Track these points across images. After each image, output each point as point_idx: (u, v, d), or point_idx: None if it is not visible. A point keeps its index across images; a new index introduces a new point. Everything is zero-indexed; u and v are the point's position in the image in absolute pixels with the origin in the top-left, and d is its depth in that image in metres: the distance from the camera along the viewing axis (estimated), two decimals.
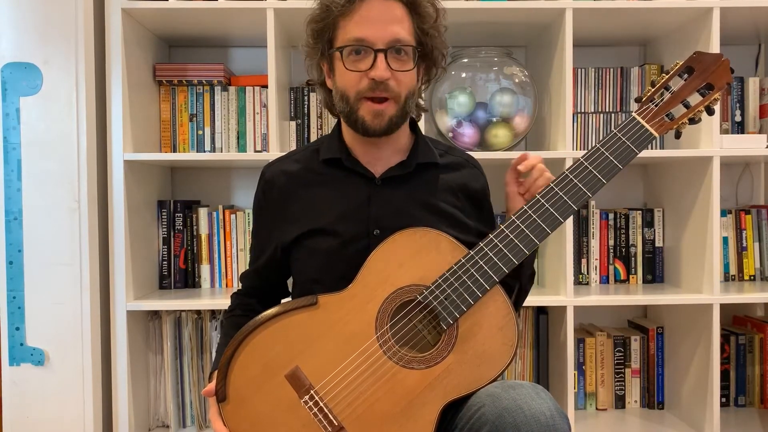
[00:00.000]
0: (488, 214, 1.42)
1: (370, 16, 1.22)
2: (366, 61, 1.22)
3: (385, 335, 1.16)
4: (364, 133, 1.27)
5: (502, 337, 1.15)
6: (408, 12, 1.26)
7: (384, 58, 1.22)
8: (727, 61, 1.20)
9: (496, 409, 1.05)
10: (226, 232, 2.13)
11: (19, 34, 1.78)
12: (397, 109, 1.26)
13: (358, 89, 1.24)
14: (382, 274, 1.18)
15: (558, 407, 1.07)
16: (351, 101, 1.25)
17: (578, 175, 1.18)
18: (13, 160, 1.78)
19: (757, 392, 2.21)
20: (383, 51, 1.22)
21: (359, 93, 1.24)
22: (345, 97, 1.26)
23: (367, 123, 1.25)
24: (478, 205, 1.39)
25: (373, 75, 1.21)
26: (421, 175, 1.34)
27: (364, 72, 1.23)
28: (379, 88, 1.22)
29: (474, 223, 1.36)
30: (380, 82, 1.22)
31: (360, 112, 1.25)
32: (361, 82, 1.23)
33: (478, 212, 1.39)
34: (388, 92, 1.24)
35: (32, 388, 1.81)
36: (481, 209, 1.40)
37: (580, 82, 2.13)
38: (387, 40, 1.22)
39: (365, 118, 1.25)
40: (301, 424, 1.13)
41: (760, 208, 2.22)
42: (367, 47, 1.22)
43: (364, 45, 1.22)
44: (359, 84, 1.24)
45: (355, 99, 1.25)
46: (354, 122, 1.27)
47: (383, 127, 1.26)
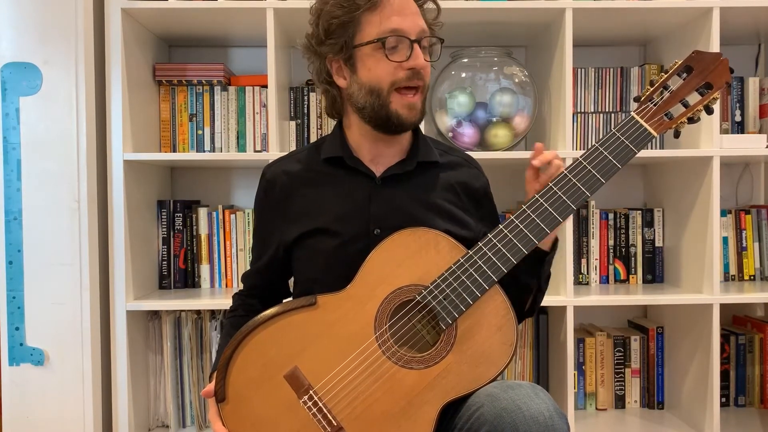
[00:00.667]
0: (489, 212, 1.42)
1: (399, 8, 1.25)
2: (402, 52, 1.24)
3: (384, 335, 1.16)
4: (398, 128, 1.28)
5: (501, 337, 1.15)
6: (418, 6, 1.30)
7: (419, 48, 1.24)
8: (725, 61, 1.20)
9: (495, 409, 1.06)
10: (225, 232, 2.13)
11: (19, 34, 1.78)
12: (421, 101, 1.29)
13: (393, 80, 1.25)
14: (381, 274, 1.18)
15: (557, 407, 1.07)
16: (384, 94, 1.25)
17: (577, 175, 1.18)
18: (13, 160, 1.78)
19: (757, 392, 2.20)
20: (418, 41, 1.25)
21: (394, 84, 1.25)
22: (376, 91, 1.26)
23: (402, 117, 1.26)
24: (478, 203, 1.39)
25: (413, 65, 1.24)
26: (422, 174, 1.34)
27: (400, 63, 1.24)
28: (417, 77, 1.25)
29: (475, 222, 1.36)
30: (417, 72, 1.24)
31: (393, 105, 1.25)
32: (396, 72, 1.24)
33: (478, 210, 1.39)
34: (422, 81, 1.26)
35: (32, 388, 1.81)
36: (481, 207, 1.39)
37: (580, 82, 2.13)
38: (417, 31, 1.25)
39: (400, 111, 1.26)
40: (300, 425, 1.13)
41: (760, 208, 2.22)
42: (404, 38, 1.24)
43: (402, 35, 1.24)
44: (395, 75, 1.24)
45: (388, 91, 1.25)
46: (386, 117, 1.26)
47: (417, 118, 1.29)
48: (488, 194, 1.43)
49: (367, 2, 1.24)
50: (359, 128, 1.33)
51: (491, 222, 1.40)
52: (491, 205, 1.44)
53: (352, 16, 1.25)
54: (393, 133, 1.30)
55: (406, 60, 1.23)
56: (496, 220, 1.41)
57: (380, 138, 1.32)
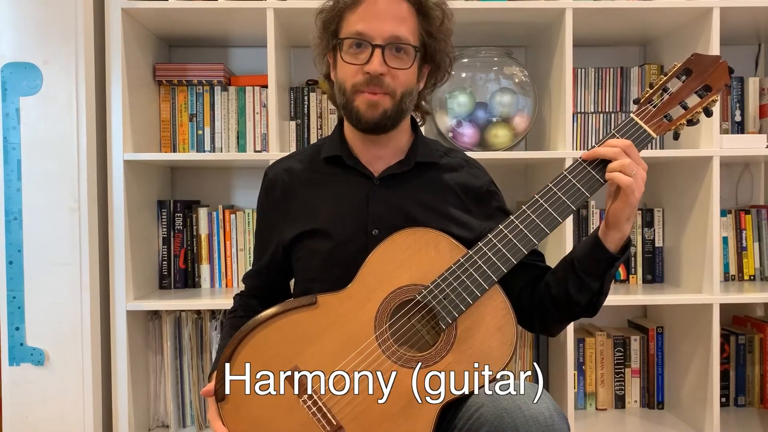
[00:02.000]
0: (497, 208, 1.38)
1: (374, 12, 1.24)
2: (363, 55, 1.24)
3: (384, 335, 1.16)
4: (358, 124, 1.28)
5: (501, 337, 1.15)
6: (414, 12, 1.27)
7: (381, 53, 1.22)
8: (724, 63, 1.20)
9: (495, 409, 1.06)
10: (225, 232, 2.13)
11: (19, 34, 1.78)
12: (392, 104, 1.26)
13: (353, 82, 1.25)
14: (381, 274, 1.18)
15: (557, 407, 1.07)
16: (347, 93, 1.26)
17: (577, 176, 1.18)
18: (13, 160, 1.78)
19: (757, 392, 2.20)
20: (381, 47, 1.23)
21: (354, 86, 1.25)
22: (342, 89, 1.28)
23: (361, 113, 1.25)
24: (481, 201, 1.37)
25: (367, 69, 1.23)
26: (421, 175, 1.34)
27: (360, 65, 1.24)
28: (374, 82, 1.23)
29: (480, 222, 1.34)
30: (375, 77, 1.23)
31: (355, 102, 1.26)
32: (357, 75, 1.25)
33: (482, 208, 1.36)
34: (382, 88, 1.24)
35: (32, 388, 1.81)
36: (485, 204, 1.37)
37: (580, 82, 2.13)
38: (385, 36, 1.23)
39: (359, 108, 1.25)
40: (300, 424, 1.13)
41: (760, 208, 2.22)
42: (366, 41, 1.23)
43: (363, 39, 1.23)
44: (355, 77, 1.25)
45: (351, 91, 1.26)
46: (349, 113, 1.28)
47: (376, 118, 1.26)
48: (492, 191, 1.39)
49: (348, 0, 1.25)
50: (348, 127, 1.35)
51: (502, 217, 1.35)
52: (498, 200, 1.40)
53: (336, 13, 1.28)
54: (362, 131, 1.29)
55: (364, 64, 1.23)
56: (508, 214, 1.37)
57: (366, 138, 1.32)
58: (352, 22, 1.25)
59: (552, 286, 1.26)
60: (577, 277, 1.22)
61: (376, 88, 1.24)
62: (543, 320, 1.31)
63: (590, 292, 1.23)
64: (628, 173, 1.14)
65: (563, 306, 1.25)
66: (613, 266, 1.21)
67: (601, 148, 1.17)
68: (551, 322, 1.32)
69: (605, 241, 1.20)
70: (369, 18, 1.23)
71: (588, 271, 1.21)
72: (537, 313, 1.30)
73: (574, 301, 1.24)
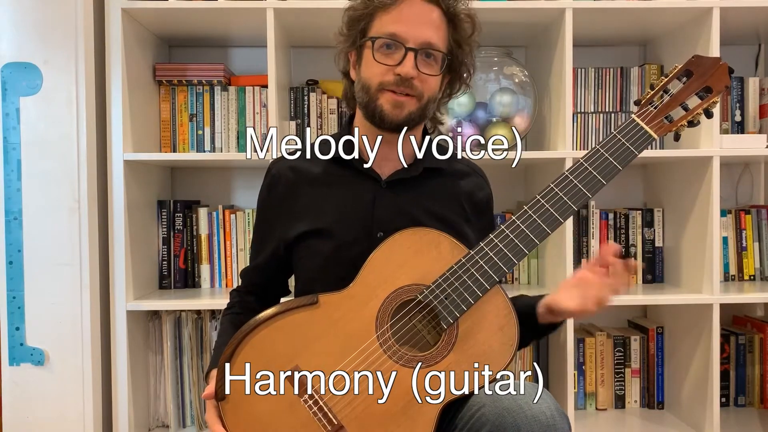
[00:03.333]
0: (489, 223, 1.42)
1: (409, 15, 1.24)
2: (395, 56, 1.24)
3: (385, 334, 1.16)
4: (381, 123, 1.27)
5: (502, 337, 1.15)
6: (446, 21, 1.28)
7: (413, 57, 1.23)
8: (725, 65, 1.21)
9: (497, 409, 1.06)
10: (226, 232, 2.13)
11: (19, 34, 1.78)
12: (417, 107, 1.27)
13: (382, 80, 1.25)
14: (383, 274, 1.18)
15: (558, 407, 1.07)
16: (372, 91, 1.26)
17: (578, 176, 1.19)
18: (13, 160, 1.78)
19: (757, 392, 2.21)
20: (414, 50, 1.23)
21: (382, 84, 1.25)
22: (366, 87, 1.27)
23: (385, 112, 1.25)
24: (481, 213, 1.40)
25: (399, 71, 1.23)
26: (428, 181, 1.34)
27: (391, 66, 1.24)
28: (404, 84, 1.24)
29: (474, 232, 1.35)
30: (405, 79, 1.23)
31: (379, 101, 1.26)
32: (386, 75, 1.25)
33: (480, 220, 1.39)
34: (411, 90, 1.25)
35: (32, 388, 1.80)
36: (482, 217, 1.40)
37: (580, 82, 2.13)
38: (419, 41, 1.24)
39: (384, 107, 1.25)
40: (301, 424, 1.13)
41: (760, 208, 2.22)
42: (399, 43, 1.23)
43: (396, 40, 1.23)
44: (384, 76, 1.25)
45: (376, 89, 1.26)
46: (372, 112, 1.27)
47: (401, 119, 1.26)
48: (490, 205, 1.44)
49: (385, 2, 1.25)
50: (363, 124, 1.34)
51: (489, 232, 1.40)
52: (491, 216, 1.45)
53: (367, 12, 1.27)
54: (384, 130, 1.29)
55: (395, 65, 1.23)
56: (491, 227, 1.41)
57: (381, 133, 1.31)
58: (385, 22, 1.25)
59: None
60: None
61: (406, 89, 1.24)
62: None
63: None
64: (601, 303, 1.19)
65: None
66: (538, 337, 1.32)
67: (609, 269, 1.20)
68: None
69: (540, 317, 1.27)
70: (404, 21, 1.24)
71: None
72: None
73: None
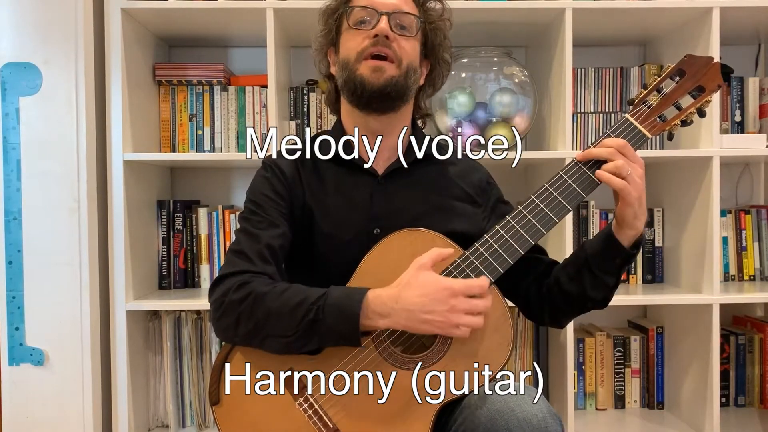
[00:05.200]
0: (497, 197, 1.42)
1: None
2: (371, 23, 1.26)
3: (380, 336, 1.16)
4: (362, 92, 1.25)
5: (499, 338, 1.15)
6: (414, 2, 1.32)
7: (387, 19, 1.25)
8: (717, 64, 1.22)
9: (488, 411, 1.06)
10: (225, 232, 2.13)
11: (19, 34, 1.79)
12: (398, 73, 1.26)
13: (359, 49, 1.26)
14: (377, 276, 1.17)
15: (550, 409, 1.07)
16: (352, 62, 1.26)
17: (572, 176, 1.19)
18: (12, 160, 1.79)
19: (756, 392, 2.20)
20: (387, 14, 1.26)
21: (360, 53, 1.26)
22: (346, 62, 1.28)
23: (365, 77, 1.25)
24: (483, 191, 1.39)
25: (375, 30, 1.24)
26: (422, 171, 1.35)
27: (366, 32, 1.26)
28: (381, 43, 1.25)
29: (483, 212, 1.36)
30: (382, 38, 1.24)
31: (359, 70, 1.26)
32: (363, 42, 1.26)
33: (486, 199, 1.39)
34: (389, 50, 1.25)
35: (32, 388, 1.81)
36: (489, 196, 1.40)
37: (579, 82, 2.13)
38: (392, 7, 1.27)
39: (363, 74, 1.25)
40: (296, 427, 1.13)
41: (759, 208, 2.22)
42: (372, 10, 1.26)
43: (370, 7, 1.26)
44: (362, 44, 1.26)
45: (355, 60, 1.26)
46: (353, 84, 1.26)
47: (381, 83, 1.24)
48: (491, 182, 1.43)
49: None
50: (349, 113, 1.34)
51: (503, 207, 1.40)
52: (496, 192, 1.43)
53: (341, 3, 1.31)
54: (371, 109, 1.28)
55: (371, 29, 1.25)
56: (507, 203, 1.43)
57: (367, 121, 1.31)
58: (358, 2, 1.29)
59: (563, 282, 1.27)
60: (592, 275, 1.23)
61: (384, 49, 1.25)
62: (553, 314, 1.33)
63: (606, 288, 1.25)
64: (621, 174, 1.15)
65: (576, 301, 1.27)
66: (628, 262, 1.23)
67: (595, 149, 1.18)
68: (561, 317, 1.35)
69: (619, 237, 1.21)
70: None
71: (604, 269, 1.23)
72: (547, 308, 1.32)
73: (590, 298, 1.25)
